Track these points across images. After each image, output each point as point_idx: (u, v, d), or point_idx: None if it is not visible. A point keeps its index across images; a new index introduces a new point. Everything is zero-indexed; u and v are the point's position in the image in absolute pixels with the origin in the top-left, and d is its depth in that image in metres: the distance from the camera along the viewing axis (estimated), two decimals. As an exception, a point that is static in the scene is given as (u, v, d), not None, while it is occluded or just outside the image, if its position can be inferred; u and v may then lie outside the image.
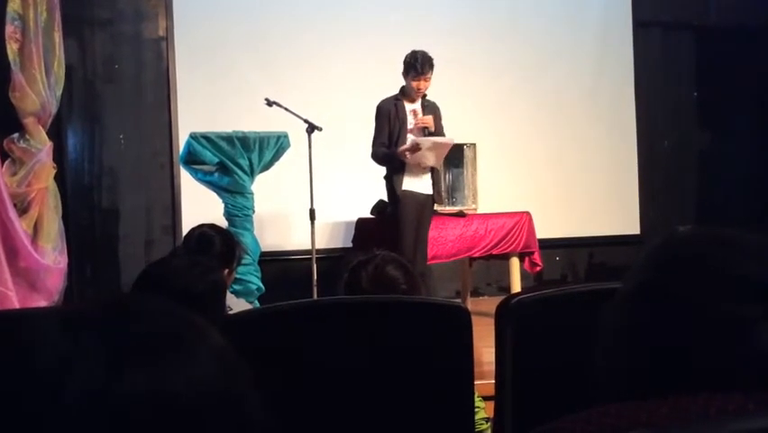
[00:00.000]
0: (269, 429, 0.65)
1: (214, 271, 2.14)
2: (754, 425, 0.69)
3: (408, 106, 4.97)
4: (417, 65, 4.85)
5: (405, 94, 4.98)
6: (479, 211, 5.53)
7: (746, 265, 0.83)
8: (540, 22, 6.82)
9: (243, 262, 5.00)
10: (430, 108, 4.99)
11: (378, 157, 4.95)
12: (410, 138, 4.91)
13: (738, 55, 7.06)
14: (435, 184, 5.03)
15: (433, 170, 5.00)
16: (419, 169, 4.92)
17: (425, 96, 5.00)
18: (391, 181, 4.91)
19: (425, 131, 4.91)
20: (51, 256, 4.94)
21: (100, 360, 0.58)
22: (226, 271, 2.99)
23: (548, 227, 6.11)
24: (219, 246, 3.15)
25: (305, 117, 5.05)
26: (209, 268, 2.13)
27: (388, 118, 4.91)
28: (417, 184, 4.92)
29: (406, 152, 4.82)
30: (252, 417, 0.64)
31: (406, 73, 4.92)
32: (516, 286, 5.43)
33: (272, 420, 0.66)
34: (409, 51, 4.93)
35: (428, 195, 4.98)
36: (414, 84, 4.89)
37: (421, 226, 4.93)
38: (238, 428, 0.62)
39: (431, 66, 4.88)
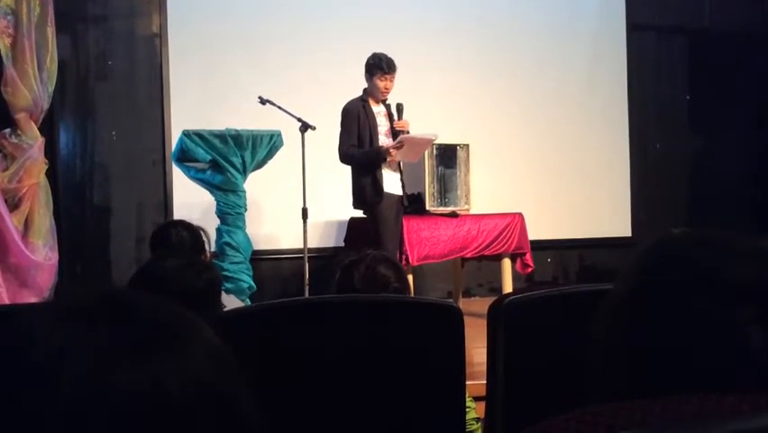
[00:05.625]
0: (260, 427, 0.65)
1: (210, 269, 2.14)
2: (748, 425, 0.70)
3: (375, 108, 4.98)
4: (383, 64, 4.88)
5: (369, 95, 4.98)
6: (471, 212, 5.52)
7: (738, 267, 0.83)
8: (534, 24, 6.83)
9: (235, 260, 4.99)
10: (401, 111, 4.98)
11: (354, 157, 4.90)
12: (383, 140, 4.90)
13: (731, 59, 7.09)
14: (404, 186, 5.02)
15: (401, 173, 5.01)
16: (391, 170, 4.93)
17: (384, 99, 5.00)
18: (367, 181, 4.86)
19: (397, 135, 4.90)
20: (42, 253, 4.92)
21: (93, 355, 0.57)
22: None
23: (540, 229, 6.12)
24: (188, 241, 3.16)
25: (298, 116, 5.04)
26: (205, 266, 2.14)
27: (357, 120, 4.90)
28: (391, 186, 4.93)
29: (391, 150, 4.79)
30: (244, 414, 0.63)
31: (371, 74, 4.93)
32: (508, 287, 5.43)
33: (264, 418, 0.66)
34: (370, 54, 4.96)
35: (400, 196, 4.98)
36: (381, 83, 4.89)
37: (398, 227, 4.96)
38: (230, 425, 0.62)
39: (395, 66, 4.92)
